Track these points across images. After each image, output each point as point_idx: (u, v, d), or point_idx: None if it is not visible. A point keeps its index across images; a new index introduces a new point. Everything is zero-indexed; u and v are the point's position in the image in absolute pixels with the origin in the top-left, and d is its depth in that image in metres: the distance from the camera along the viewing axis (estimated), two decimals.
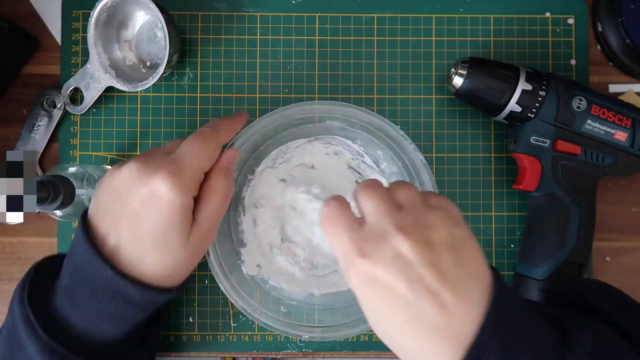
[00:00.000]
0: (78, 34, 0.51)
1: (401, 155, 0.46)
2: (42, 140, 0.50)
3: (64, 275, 0.37)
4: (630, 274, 0.51)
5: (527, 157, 0.47)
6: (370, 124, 0.45)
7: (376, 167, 0.49)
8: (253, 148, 0.47)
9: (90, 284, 0.35)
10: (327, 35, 0.52)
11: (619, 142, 0.46)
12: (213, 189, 0.38)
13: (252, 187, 0.49)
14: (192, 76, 0.51)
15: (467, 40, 0.52)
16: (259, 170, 0.49)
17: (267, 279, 0.48)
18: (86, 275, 0.35)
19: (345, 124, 0.46)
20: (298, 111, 0.45)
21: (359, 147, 0.49)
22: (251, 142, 0.46)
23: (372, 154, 0.49)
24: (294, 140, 0.49)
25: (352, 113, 0.45)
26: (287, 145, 0.49)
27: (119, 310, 0.36)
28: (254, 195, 0.49)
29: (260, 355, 0.51)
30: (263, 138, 0.47)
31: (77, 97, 0.50)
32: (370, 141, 0.47)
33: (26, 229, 0.51)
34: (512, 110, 0.46)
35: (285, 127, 0.47)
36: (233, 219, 0.49)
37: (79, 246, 0.36)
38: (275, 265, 0.49)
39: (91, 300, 0.35)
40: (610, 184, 0.52)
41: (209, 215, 0.38)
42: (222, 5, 0.52)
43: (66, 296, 0.36)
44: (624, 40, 0.50)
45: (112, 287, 0.35)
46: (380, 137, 0.46)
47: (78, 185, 0.42)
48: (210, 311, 0.50)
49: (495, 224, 0.51)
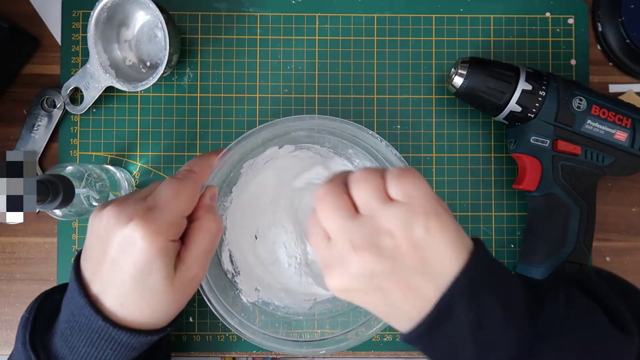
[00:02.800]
0: (78, 34, 0.51)
1: (374, 152, 0.45)
2: (42, 140, 0.50)
3: (62, 318, 0.37)
4: (630, 274, 0.51)
5: (527, 157, 0.47)
6: (333, 129, 0.45)
7: (350, 165, 0.49)
8: (224, 178, 0.47)
9: (84, 331, 0.36)
10: (327, 35, 0.52)
11: (619, 142, 0.46)
12: (203, 228, 0.38)
13: (231, 215, 0.49)
14: (192, 76, 0.51)
15: (467, 40, 0.52)
16: (233, 195, 0.49)
17: (268, 300, 0.48)
18: (80, 322, 0.36)
19: (310, 131, 0.46)
20: (265, 133, 0.45)
21: (327, 150, 0.49)
22: (220, 174, 0.45)
23: (343, 153, 0.49)
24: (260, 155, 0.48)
25: (319, 124, 0.45)
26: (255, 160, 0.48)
27: (115, 354, 0.36)
28: (235, 223, 0.49)
29: (260, 355, 0.51)
30: (231, 167, 0.47)
31: (77, 97, 0.50)
32: (338, 142, 0.47)
33: (26, 229, 0.51)
34: (512, 110, 0.46)
35: (254, 148, 0.47)
36: (217, 249, 0.48)
37: (72, 291, 0.37)
38: (272, 280, 0.49)
39: (87, 347, 0.36)
40: (610, 184, 0.52)
41: (199, 255, 0.37)
42: (222, 5, 0.52)
43: (64, 340, 0.36)
44: (624, 40, 0.50)
45: (105, 334, 0.35)
46: (347, 138, 0.46)
47: (77, 185, 0.42)
48: (210, 311, 0.50)
49: (495, 224, 0.51)
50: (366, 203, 0.32)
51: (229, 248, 0.49)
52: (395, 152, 0.44)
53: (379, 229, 0.31)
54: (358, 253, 0.30)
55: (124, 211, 0.35)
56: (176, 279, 0.36)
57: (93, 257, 0.36)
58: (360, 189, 0.32)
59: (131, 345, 0.36)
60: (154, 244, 0.34)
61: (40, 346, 0.36)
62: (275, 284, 0.49)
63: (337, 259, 0.31)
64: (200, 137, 0.51)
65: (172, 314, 0.38)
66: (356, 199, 0.32)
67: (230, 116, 0.51)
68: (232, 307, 0.45)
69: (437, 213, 0.31)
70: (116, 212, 0.35)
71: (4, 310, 0.50)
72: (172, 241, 0.36)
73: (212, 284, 0.44)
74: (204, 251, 0.38)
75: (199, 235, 0.38)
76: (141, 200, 0.37)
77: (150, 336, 0.37)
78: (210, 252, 0.39)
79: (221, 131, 0.51)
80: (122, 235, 0.35)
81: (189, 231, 0.38)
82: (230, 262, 0.49)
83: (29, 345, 0.36)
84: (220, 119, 0.51)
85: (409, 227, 0.30)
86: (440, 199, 0.32)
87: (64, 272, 0.50)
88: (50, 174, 0.40)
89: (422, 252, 0.30)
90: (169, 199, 0.36)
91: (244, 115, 0.51)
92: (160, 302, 0.36)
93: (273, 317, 0.47)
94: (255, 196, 0.49)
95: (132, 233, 0.34)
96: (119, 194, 0.48)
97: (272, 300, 0.48)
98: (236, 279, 0.48)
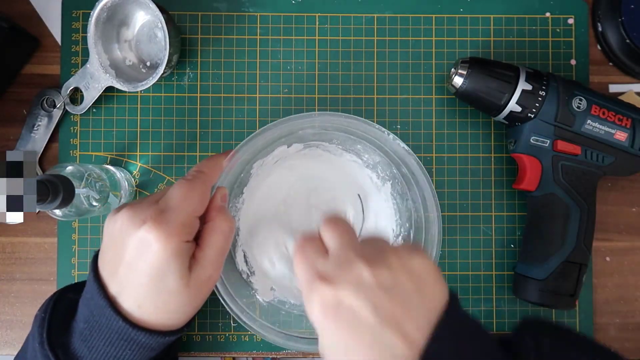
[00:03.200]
0: (78, 34, 0.51)
1: (382, 146, 0.45)
2: (42, 140, 0.50)
3: (79, 318, 0.38)
4: (630, 274, 0.51)
5: (527, 157, 0.47)
6: (340, 126, 0.45)
7: (360, 161, 0.49)
8: (234, 179, 0.47)
9: (104, 332, 0.36)
10: (327, 35, 0.52)
11: (619, 142, 0.46)
12: (216, 229, 0.39)
13: (243, 216, 0.49)
14: (192, 76, 0.51)
15: (467, 40, 0.52)
16: (245, 196, 0.49)
17: (284, 299, 0.48)
18: (100, 323, 0.36)
19: (319, 129, 0.46)
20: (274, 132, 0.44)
21: (336, 147, 0.49)
22: (231, 175, 0.45)
23: (352, 149, 0.49)
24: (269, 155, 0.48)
25: (326, 120, 0.45)
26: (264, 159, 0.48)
27: (134, 354, 0.37)
28: (248, 224, 0.49)
29: (260, 355, 0.51)
30: (241, 168, 0.47)
31: (77, 97, 0.50)
32: (346, 138, 0.47)
33: (26, 229, 0.51)
34: (512, 110, 0.46)
35: (263, 148, 0.47)
36: (232, 250, 0.48)
37: (91, 293, 0.37)
38: (287, 279, 0.49)
39: (106, 347, 0.36)
40: (610, 184, 0.52)
41: (213, 255, 0.38)
42: (222, 5, 0.52)
43: (83, 340, 0.37)
44: (624, 40, 0.50)
45: (124, 335, 0.36)
46: (354, 133, 0.46)
47: (77, 185, 0.42)
48: (210, 311, 0.50)
49: (495, 224, 0.51)
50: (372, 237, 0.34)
51: (243, 249, 0.49)
52: (403, 145, 0.44)
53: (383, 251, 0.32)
54: (363, 260, 0.31)
55: (137, 214, 0.36)
56: (192, 280, 0.37)
57: (110, 260, 0.37)
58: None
59: (149, 346, 0.37)
60: (168, 245, 0.35)
61: (58, 345, 0.37)
62: (290, 283, 0.49)
63: (337, 267, 0.31)
64: (200, 137, 0.51)
65: (189, 315, 0.39)
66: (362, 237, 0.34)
67: (230, 116, 0.51)
68: (248, 308, 0.45)
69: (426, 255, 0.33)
70: (130, 215, 0.36)
71: (4, 310, 0.50)
72: (186, 242, 0.37)
73: (228, 285, 0.44)
74: (218, 252, 0.38)
75: (212, 236, 0.38)
76: (154, 203, 0.37)
77: (168, 337, 0.37)
78: (224, 252, 0.39)
79: (221, 131, 0.51)
80: (137, 238, 0.35)
81: (202, 232, 0.39)
82: (245, 262, 0.49)
83: (47, 345, 0.36)
84: (220, 119, 0.51)
85: (410, 254, 0.32)
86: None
87: (64, 272, 0.50)
88: (50, 174, 0.40)
89: (419, 282, 0.31)
90: (179, 200, 0.37)
91: (244, 115, 0.51)
92: (177, 303, 0.37)
93: (289, 317, 0.47)
94: (267, 196, 0.49)
95: (146, 235, 0.35)
96: (119, 194, 0.48)
97: (288, 299, 0.48)
98: (251, 279, 0.48)
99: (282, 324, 0.46)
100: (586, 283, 0.50)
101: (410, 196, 0.46)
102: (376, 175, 0.49)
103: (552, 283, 0.46)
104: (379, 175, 0.49)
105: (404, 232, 0.48)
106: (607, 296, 0.51)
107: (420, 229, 0.46)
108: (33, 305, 0.50)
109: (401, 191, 0.48)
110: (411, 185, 0.45)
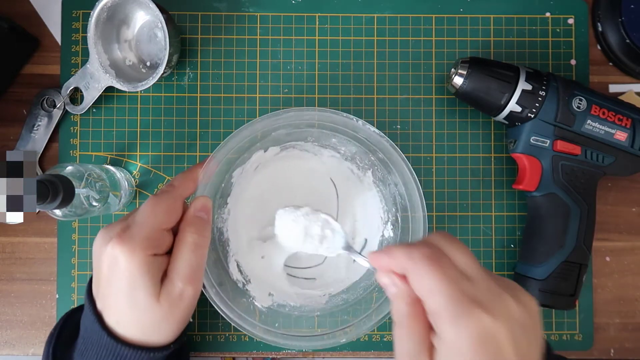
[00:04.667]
0: (78, 34, 0.51)
1: (355, 135, 0.45)
2: (42, 140, 0.50)
3: (80, 334, 0.39)
4: (630, 274, 0.51)
5: (527, 157, 0.47)
6: (311, 120, 0.45)
7: (338, 154, 0.49)
8: (215, 190, 0.47)
9: (95, 347, 0.37)
10: (327, 35, 0.52)
11: (619, 142, 0.46)
12: (181, 241, 0.38)
13: (231, 226, 0.49)
14: (192, 76, 0.51)
15: (467, 40, 0.52)
16: (230, 206, 0.49)
17: (283, 302, 0.48)
18: (92, 338, 0.37)
19: (291, 128, 0.46)
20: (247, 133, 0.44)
21: (312, 144, 0.49)
22: (211, 186, 0.44)
23: (327, 144, 0.49)
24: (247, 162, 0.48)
25: (295, 116, 0.44)
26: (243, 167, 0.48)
27: None
28: (236, 233, 0.49)
29: (260, 355, 0.51)
30: (221, 178, 0.47)
31: (77, 97, 0.50)
32: (320, 133, 0.47)
33: (26, 229, 0.51)
34: (512, 110, 0.46)
35: (240, 155, 0.47)
36: (224, 260, 0.48)
37: (86, 309, 0.38)
38: (284, 280, 0.49)
39: None
40: (610, 184, 0.52)
41: (182, 269, 0.37)
42: (222, 5, 0.52)
43: (80, 355, 0.38)
44: (624, 40, 0.50)
45: (112, 350, 0.36)
46: (326, 127, 0.45)
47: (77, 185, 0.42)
48: (210, 311, 0.50)
49: (495, 224, 0.51)
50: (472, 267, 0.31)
51: (235, 259, 0.49)
52: (374, 129, 0.43)
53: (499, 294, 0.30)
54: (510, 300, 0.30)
55: (108, 232, 0.37)
56: (162, 295, 0.36)
57: (95, 277, 0.38)
58: (457, 253, 0.32)
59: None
60: (133, 259, 0.35)
61: (63, 357, 0.38)
62: (288, 287, 0.49)
63: (491, 294, 0.30)
64: (200, 137, 0.51)
65: (168, 331, 0.38)
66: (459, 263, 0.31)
67: (230, 116, 0.51)
68: (247, 315, 0.44)
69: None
70: (102, 233, 0.37)
71: (4, 310, 0.50)
72: (153, 255, 0.36)
73: (225, 296, 0.44)
74: (187, 265, 0.37)
75: (179, 249, 0.38)
76: (123, 221, 0.38)
77: (152, 353, 0.37)
78: (196, 265, 0.37)
79: (221, 131, 0.51)
80: (107, 255, 0.36)
81: (173, 246, 0.38)
82: (239, 272, 0.48)
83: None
84: (220, 119, 0.51)
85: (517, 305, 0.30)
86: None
87: (64, 272, 0.50)
88: (50, 174, 0.40)
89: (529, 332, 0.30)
90: (145, 215, 0.37)
91: (244, 115, 0.51)
92: (150, 319, 0.36)
93: (289, 319, 0.47)
94: (251, 204, 0.49)
95: (112, 251, 0.36)
96: (119, 194, 0.48)
97: (287, 302, 0.48)
98: (247, 287, 0.48)
99: (283, 325, 0.46)
100: (586, 283, 0.50)
101: (392, 180, 0.46)
102: (356, 167, 0.49)
103: (552, 283, 0.46)
104: (358, 166, 0.49)
105: (392, 217, 0.48)
106: (607, 296, 0.51)
107: (405, 210, 0.45)
108: (33, 305, 0.50)
109: (382, 177, 0.48)
110: (389, 169, 0.45)
